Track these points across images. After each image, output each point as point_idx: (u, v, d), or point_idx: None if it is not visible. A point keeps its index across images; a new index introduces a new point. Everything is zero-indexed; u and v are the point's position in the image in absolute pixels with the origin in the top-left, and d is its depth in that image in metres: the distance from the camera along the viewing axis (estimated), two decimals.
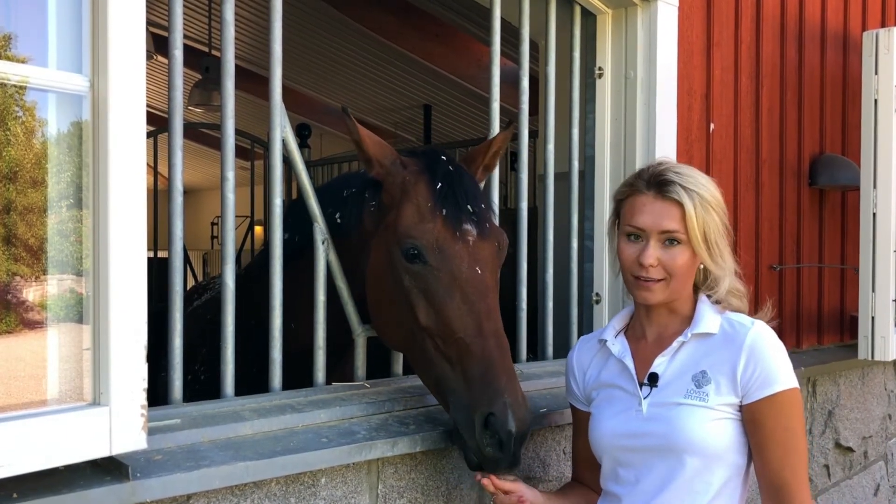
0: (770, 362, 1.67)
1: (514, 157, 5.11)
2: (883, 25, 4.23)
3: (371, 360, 2.17)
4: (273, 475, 1.63)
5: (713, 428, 1.68)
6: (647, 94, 2.83)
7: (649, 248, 1.72)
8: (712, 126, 3.16)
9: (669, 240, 1.73)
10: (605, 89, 2.90)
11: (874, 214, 3.41)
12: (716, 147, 3.19)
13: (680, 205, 1.71)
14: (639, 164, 2.81)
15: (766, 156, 3.48)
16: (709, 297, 1.82)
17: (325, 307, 2.07)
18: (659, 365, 1.77)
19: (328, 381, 2.11)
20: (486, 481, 1.79)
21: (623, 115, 2.87)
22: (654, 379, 1.76)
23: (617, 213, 1.85)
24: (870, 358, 3.44)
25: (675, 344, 1.77)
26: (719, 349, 1.72)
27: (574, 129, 2.78)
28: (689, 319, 1.79)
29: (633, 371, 1.80)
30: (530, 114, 2.65)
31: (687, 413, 1.69)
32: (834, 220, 3.94)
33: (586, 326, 2.90)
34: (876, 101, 3.40)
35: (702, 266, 1.78)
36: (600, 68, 2.90)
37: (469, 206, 1.87)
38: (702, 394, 1.69)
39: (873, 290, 3.42)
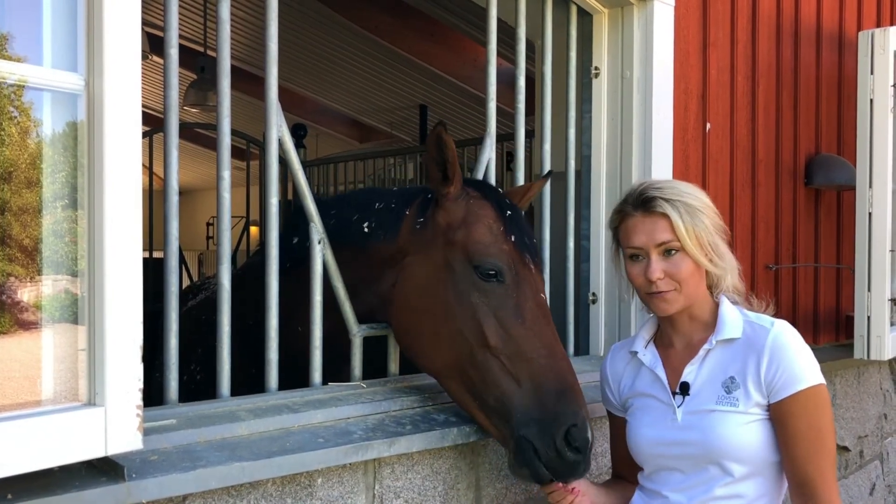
0: (792, 361, 1.73)
1: (510, 156, 5.12)
2: (878, 25, 4.23)
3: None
4: (269, 476, 1.63)
5: (746, 431, 1.74)
6: (643, 93, 2.83)
7: (652, 263, 1.81)
8: (708, 126, 3.16)
9: (667, 251, 1.81)
10: (601, 89, 2.90)
11: (870, 214, 3.41)
12: (712, 147, 3.19)
13: (666, 216, 1.80)
14: (635, 163, 2.81)
15: (763, 156, 3.48)
16: (727, 294, 1.89)
17: (321, 307, 2.07)
18: (689, 374, 1.84)
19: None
20: (560, 486, 1.87)
21: (619, 114, 2.87)
22: (685, 388, 1.83)
23: (617, 241, 1.94)
24: (865, 357, 3.45)
25: (701, 352, 1.84)
26: (743, 353, 1.79)
27: (570, 129, 2.78)
28: (712, 325, 1.86)
29: (666, 381, 1.87)
30: (527, 114, 2.65)
31: (720, 419, 1.75)
32: (830, 220, 3.95)
33: (583, 326, 2.90)
34: (872, 100, 3.40)
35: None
36: (597, 68, 2.90)
37: (527, 239, 1.97)
38: (732, 399, 1.76)
39: (869, 290, 3.42)
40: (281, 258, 2.09)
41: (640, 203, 1.84)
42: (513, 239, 1.93)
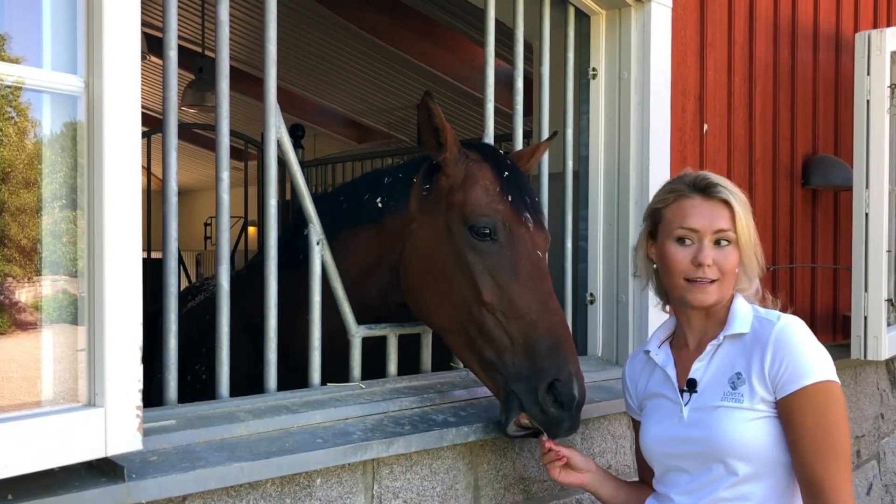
0: (798, 356, 1.67)
1: None
2: (875, 26, 4.24)
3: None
4: (268, 476, 1.63)
5: (751, 428, 1.68)
6: (640, 94, 2.83)
7: (705, 248, 1.75)
8: (706, 126, 3.17)
9: (720, 240, 1.76)
10: (598, 90, 2.90)
11: (866, 214, 3.42)
12: (709, 147, 3.20)
13: (729, 205, 1.76)
14: (633, 164, 2.82)
15: (760, 156, 3.49)
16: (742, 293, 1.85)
17: (320, 307, 2.07)
18: (697, 370, 1.80)
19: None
20: (543, 440, 1.89)
21: (617, 115, 2.88)
22: (692, 385, 1.80)
23: (654, 223, 1.86)
24: (862, 357, 3.46)
25: (709, 348, 1.80)
26: (750, 348, 1.74)
27: (568, 130, 2.79)
28: (724, 322, 1.81)
29: (675, 379, 1.84)
30: (525, 114, 2.66)
31: (724, 415, 1.71)
32: (827, 221, 3.96)
33: (580, 327, 2.90)
34: (868, 101, 3.41)
35: (737, 270, 1.80)
36: (594, 69, 2.91)
37: (527, 198, 1.99)
38: (737, 395, 1.71)
39: (866, 290, 3.43)
40: (290, 252, 2.11)
41: (701, 187, 1.79)
42: (509, 199, 1.95)
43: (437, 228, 1.98)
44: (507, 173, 2.01)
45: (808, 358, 1.67)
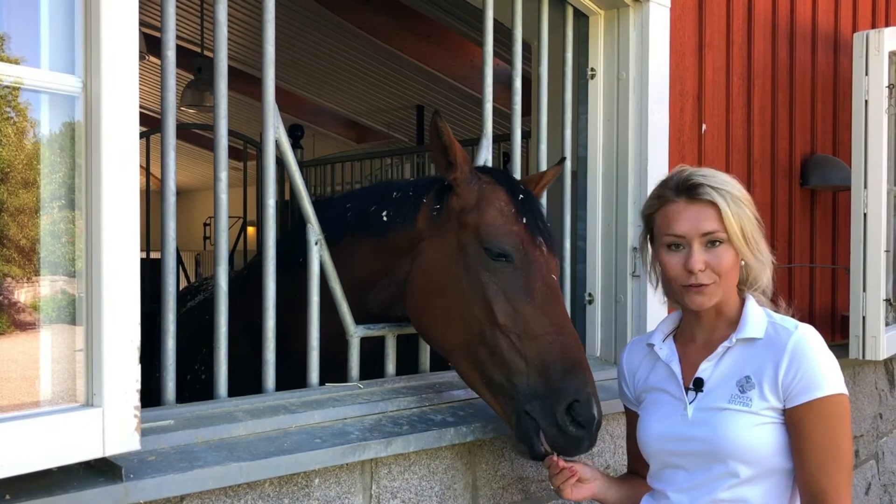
0: (812, 367, 1.66)
1: (506, 157, 5.12)
2: (873, 26, 4.25)
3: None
4: (267, 476, 1.64)
5: (756, 433, 1.68)
6: (639, 94, 2.83)
7: (694, 253, 1.73)
8: (704, 127, 3.17)
9: (711, 241, 1.73)
10: (597, 90, 2.91)
11: (865, 215, 3.42)
12: (708, 148, 3.20)
13: (714, 205, 1.72)
14: (631, 164, 2.82)
15: (758, 156, 3.49)
16: (753, 294, 1.83)
17: (318, 307, 2.07)
18: (704, 370, 1.79)
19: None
20: (555, 460, 1.88)
21: (615, 115, 2.88)
22: (699, 384, 1.78)
23: (649, 229, 1.86)
24: (861, 357, 3.46)
25: (720, 349, 1.78)
26: (763, 353, 1.72)
27: (567, 130, 2.79)
28: (735, 323, 1.80)
29: (680, 376, 1.82)
30: (523, 114, 2.66)
31: (730, 418, 1.70)
32: (825, 221, 3.96)
33: (579, 327, 2.90)
34: (866, 101, 3.41)
35: (742, 263, 1.78)
36: (593, 69, 2.91)
37: (540, 223, 2.00)
38: (745, 399, 1.70)
39: (864, 290, 3.43)
40: (292, 253, 2.11)
41: (684, 189, 1.75)
42: (524, 221, 1.96)
43: (448, 248, 1.97)
44: (521, 196, 2.01)
45: (822, 370, 1.66)
